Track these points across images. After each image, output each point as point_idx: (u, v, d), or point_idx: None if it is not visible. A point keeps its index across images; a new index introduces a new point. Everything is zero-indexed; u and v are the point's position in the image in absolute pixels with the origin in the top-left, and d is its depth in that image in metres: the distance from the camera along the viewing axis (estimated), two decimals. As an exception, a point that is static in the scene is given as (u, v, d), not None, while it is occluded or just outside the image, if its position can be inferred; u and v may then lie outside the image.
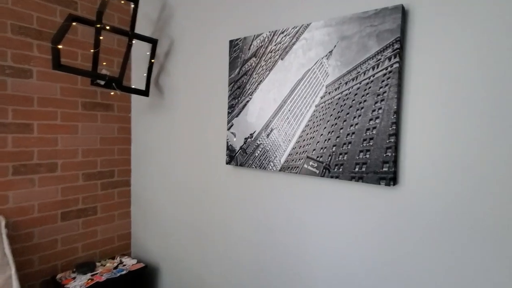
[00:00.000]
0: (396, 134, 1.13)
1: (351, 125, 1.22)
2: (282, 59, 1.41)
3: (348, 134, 1.23)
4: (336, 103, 1.26)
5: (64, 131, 1.93)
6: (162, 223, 2.13)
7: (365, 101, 1.19)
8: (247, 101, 1.54)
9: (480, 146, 1.00)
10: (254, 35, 1.50)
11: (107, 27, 1.73)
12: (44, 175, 1.85)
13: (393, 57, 1.12)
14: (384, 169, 1.14)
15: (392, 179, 1.13)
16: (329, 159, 1.28)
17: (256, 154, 1.51)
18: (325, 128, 1.29)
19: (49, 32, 1.85)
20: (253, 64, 1.51)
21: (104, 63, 2.07)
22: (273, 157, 1.45)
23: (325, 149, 1.29)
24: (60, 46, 1.53)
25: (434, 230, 1.09)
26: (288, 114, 1.40)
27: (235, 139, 1.60)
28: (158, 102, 2.12)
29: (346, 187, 1.28)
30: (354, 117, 1.21)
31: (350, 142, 1.22)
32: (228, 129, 1.62)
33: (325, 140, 1.29)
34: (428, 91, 1.09)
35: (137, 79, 2.27)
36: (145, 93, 1.97)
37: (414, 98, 1.12)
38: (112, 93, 2.10)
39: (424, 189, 1.10)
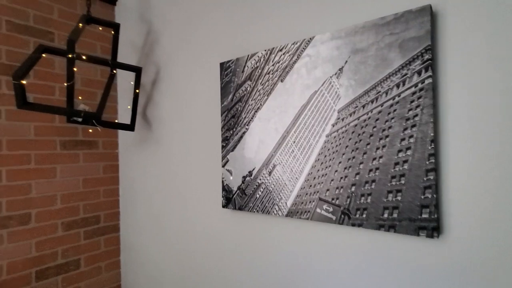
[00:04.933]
0: (436, 170, 0.87)
1: (374, 159, 0.96)
2: (282, 81, 1.18)
3: (370, 170, 0.96)
4: (352, 132, 1.01)
5: (39, 175, 1.70)
6: (153, 274, 1.83)
7: (390, 127, 0.93)
8: (244, 133, 1.30)
9: (560, 184, 0.73)
10: (248, 55, 1.28)
11: (84, 57, 1.53)
12: (14, 229, 1.59)
13: (423, 71, 0.87)
14: (424, 216, 0.87)
15: (435, 228, 0.85)
16: (348, 202, 1.01)
17: (258, 196, 1.25)
18: (340, 163, 1.03)
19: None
20: (248, 89, 1.28)
21: (80, 97, 1.86)
22: (277, 199, 1.18)
23: (341, 189, 1.02)
24: (24, 82, 1.32)
25: (503, 298, 0.79)
26: (293, 146, 1.14)
27: (231, 178, 1.34)
28: (146, 136, 1.89)
29: (372, 238, 1.00)
30: (377, 149, 0.95)
31: (374, 181, 0.96)
32: (223, 165, 1.37)
33: (341, 178, 1.02)
34: (473, 112, 0.83)
35: (123, 112, 2.06)
36: (130, 127, 1.74)
37: (455, 122, 0.86)
38: (90, 130, 1.88)
39: (478, 241, 0.82)
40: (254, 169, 1.26)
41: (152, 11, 1.84)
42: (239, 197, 1.31)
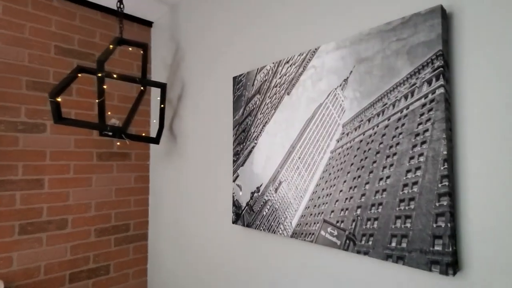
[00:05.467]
0: (451, 194, 0.74)
1: (381, 179, 0.85)
2: (288, 93, 1.13)
3: (377, 192, 0.86)
4: (358, 148, 0.91)
5: (76, 184, 1.86)
6: (176, 285, 1.86)
7: (397, 144, 0.83)
8: (253, 147, 1.27)
9: None
10: (258, 69, 1.26)
11: (114, 75, 1.66)
12: (53, 233, 1.75)
13: (434, 80, 0.76)
14: (437, 248, 0.74)
15: (450, 264, 0.72)
16: (353, 226, 0.91)
17: (264, 213, 1.19)
18: (344, 182, 0.94)
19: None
20: (257, 102, 1.26)
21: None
22: (283, 218, 1.12)
23: (347, 211, 0.93)
24: (59, 99, 1.46)
25: None
26: (298, 163, 1.08)
27: (241, 193, 1.31)
28: (171, 149, 1.97)
29: (379, 269, 0.88)
30: (384, 168, 0.85)
31: (380, 204, 0.85)
32: (234, 180, 1.35)
33: (346, 198, 0.93)
34: (495, 127, 0.70)
35: (155, 126, 2.18)
36: (155, 140, 1.82)
37: (473, 139, 0.73)
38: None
39: (505, 283, 0.67)
40: (261, 185, 1.21)
41: (179, 31, 1.94)
42: (248, 214, 1.27)
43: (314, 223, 1.01)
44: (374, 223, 0.86)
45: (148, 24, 2.27)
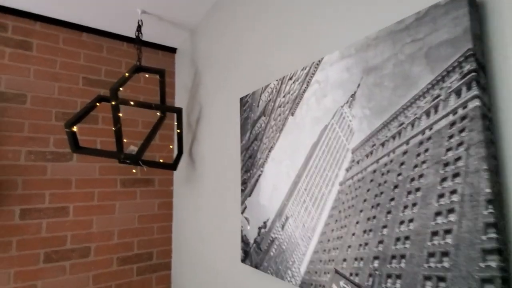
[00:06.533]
0: (501, 251, 0.51)
1: (402, 222, 0.65)
2: (292, 114, 0.98)
3: (397, 239, 0.65)
4: (371, 180, 0.72)
5: (100, 211, 1.87)
6: (195, 323, 1.73)
7: (421, 176, 0.62)
8: (259, 176, 1.12)
9: None
10: (262, 88, 1.14)
11: (132, 103, 1.66)
12: (76, 261, 1.76)
13: (464, 89, 0.56)
14: (487, 329, 0.51)
15: None
16: (370, 283, 0.70)
17: (272, 253, 1.02)
18: (357, 223, 0.74)
19: (92, 115, 1.91)
20: (262, 125, 1.12)
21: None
22: (290, 262, 0.94)
23: (361, 262, 0.72)
24: (75, 129, 1.49)
25: None
26: (304, 195, 0.90)
27: (248, 228, 1.16)
28: (190, 174, 1.90)
29: None
30: (405, 207, 0.64)
31: (403, 256, 0.64)
32: (242, 212, 1.21)
33: (360, 244, 0.73)
34: None
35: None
36: (172, 166, 1.77)
37: (534, 169, 0.50)
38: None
39: None
40: (268, 219, 1.05)
41: (198, 55, 1.91)
42: (256, 253, 1.10)
43: (325, 272, 0.82)
44: (397, 282, 0.65)
45: (172, 50, 2.31)
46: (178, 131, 1.78)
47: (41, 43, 1.82)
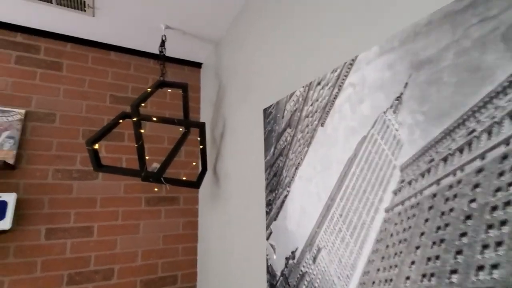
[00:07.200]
0: None
1: (480, 268, 0.46)
2: (322, 125, 0.83)
3: (474, 292, 0.47)
4: (430, 207, 0.54)
5: (124, 231, 1.81)
6: None
7: (507, 204, 0.44)
8: (285, 196, 0.97)
9: None
10: (287, 96, 1.00)
11: (154, 118, 1.61)
12: (99, 284, 1.70)
13: None
14: None
15: None
16: None
17: (302, 291, 0.86)
18: (412, 263, 0.56)
19: (118, 132, 1.90)
20: (288, 138, 0.98)
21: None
22: (325, 305, 0.77)
23: (420, 317, 0.54)
24: (96, 147, 1.45)
25: None
26: (340, 222, 0.74)
27: (275, 257, 1.00)
28: (215, 192, 1.79)
29: None
30: (485, 246, 0.46)
31: (485, 316, 0.45)
32: (267, 238, 1.06)
33: (418, 293, 0.55)
34: None
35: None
36: (195, 184, 1.67)
37: None
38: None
39: None
40: (296, 249, 0.89)
41: (222, 67, 1.84)
42: None
43: (369, 323, 0.64)
44: None
45: (198, 65, 2.27)
46: (201, 146, 1.69)
47: (71, 63, 1.85)
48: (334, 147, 0.77)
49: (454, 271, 0.50)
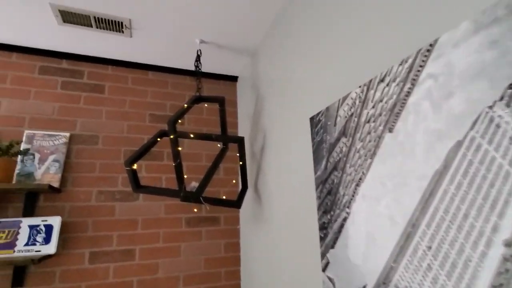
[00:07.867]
0: None
1: None
2: (390, 130, 0.67)
3: None
4: None
5: (165, 254, 1.73)
6: None
7: None
8: (344, 219, 0.81)
9: None
10: (339, 100, 0.85)
11: (191, 135, 1.54)
12: (141, 311, 1.62)
13: None
14: None
15: None
16: None
17: None
18: None
19: (157, 151, 1.87)
20: (344, 149, 0.82)
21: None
22: None
23: None
24: (135, 167, 1.40)
25: None
26: (428, 257, 0.56)
27: (335, 293, 0.83)
28: (256, 211, 1.65)
29: None
30: None
31: None
32: (323, 269, 0.89)
33: None
34: None
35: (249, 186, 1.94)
36: (236, 204, 1.55)
37: None
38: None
39: None
40: (365, 287, 0.72)
41: (259, 79, 1.74)
42: (348, 333, 0.76)
43: None
44: None
45: (234, 79, 2.21)
46: (241, 163, 1.58)
47: (112, 85, 1.88)
48: (411, 157, 0.60)
49: None
